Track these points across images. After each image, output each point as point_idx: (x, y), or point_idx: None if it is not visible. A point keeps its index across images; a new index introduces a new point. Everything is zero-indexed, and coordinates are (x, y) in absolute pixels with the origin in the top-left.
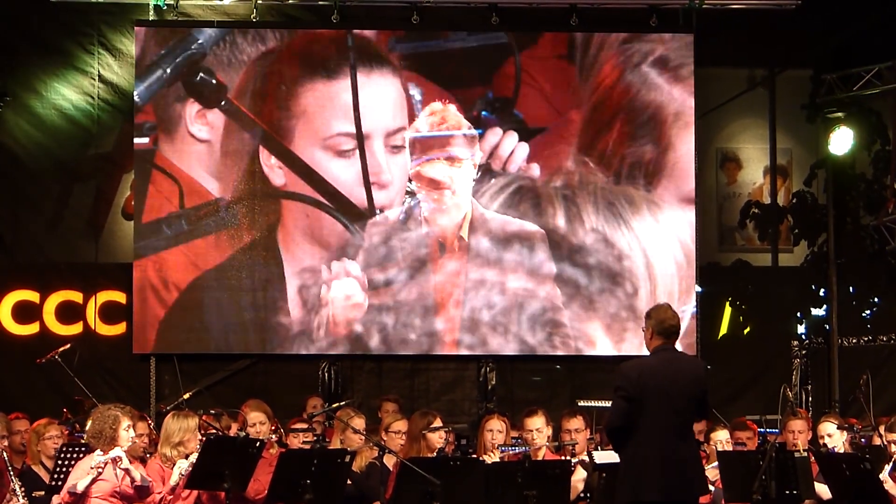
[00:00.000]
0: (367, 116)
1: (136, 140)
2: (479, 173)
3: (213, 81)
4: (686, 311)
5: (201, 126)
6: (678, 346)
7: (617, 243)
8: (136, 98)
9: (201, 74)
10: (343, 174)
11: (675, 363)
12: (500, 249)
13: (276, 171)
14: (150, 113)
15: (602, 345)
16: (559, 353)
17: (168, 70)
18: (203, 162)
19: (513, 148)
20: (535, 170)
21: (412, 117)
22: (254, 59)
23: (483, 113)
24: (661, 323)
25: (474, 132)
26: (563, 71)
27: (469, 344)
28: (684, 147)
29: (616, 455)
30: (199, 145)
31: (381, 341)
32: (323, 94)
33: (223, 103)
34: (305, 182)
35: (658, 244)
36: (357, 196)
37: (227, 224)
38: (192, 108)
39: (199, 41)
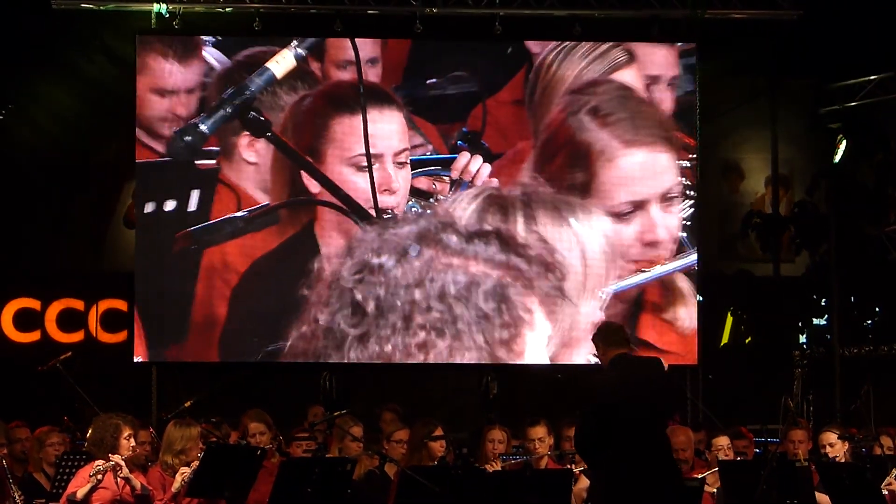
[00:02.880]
0: (379, 141)
1: (204, 161)
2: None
3: (262, 118)
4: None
5: (251, 152)
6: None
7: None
8: (204, 129)
9: (252, 113)
10: (362, 184)
11: (635, 369)
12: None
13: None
14: (215, 142)
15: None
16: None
17: (229, 109)
18: (252, 178)
19: (479, 167)
20: (495, 182)
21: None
22: (294, 102)
23: (459, 142)
24: (608, 336)
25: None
26: (517, 112)
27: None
28: (607, 174)
29: None
30: (249, 167)
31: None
32: (347, 125)
33: (269, 134)
34: (331, 194)
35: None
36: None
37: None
38: (244, 139)
39: (251, 89)
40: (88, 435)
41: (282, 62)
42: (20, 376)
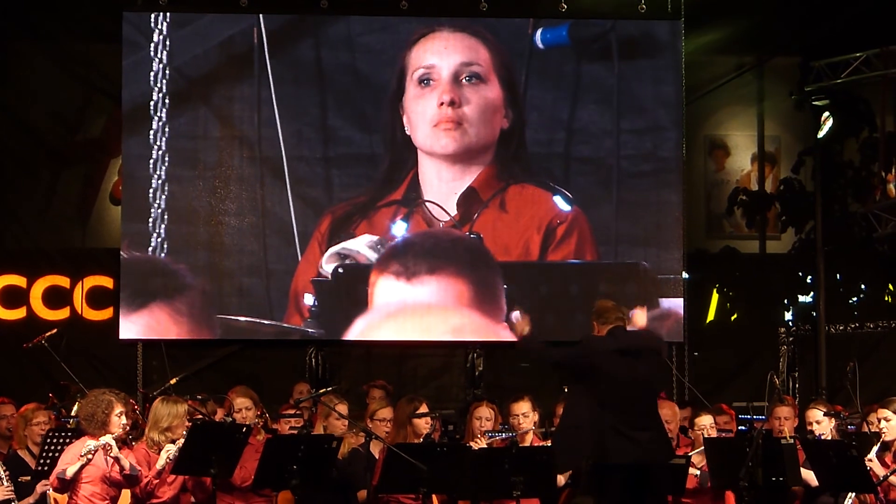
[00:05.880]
0: None
1: None
2: None
3: None
4: None
5: None
6: None
7: None
8: None
9: None
10: None
11: (632, 340)
12: None
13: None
14: None
15: None
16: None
17: None
18: None
19: None
20: None
21: None
22: None
23: None
24: (602, 314)
25: None
26: None
27: None
28: None
29: None
30: None
31: None
32: None
33: None
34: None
35: None
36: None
37: (215, 210)
38: None
39: None
40: (79, 409)
41: None
42: (5, 353)
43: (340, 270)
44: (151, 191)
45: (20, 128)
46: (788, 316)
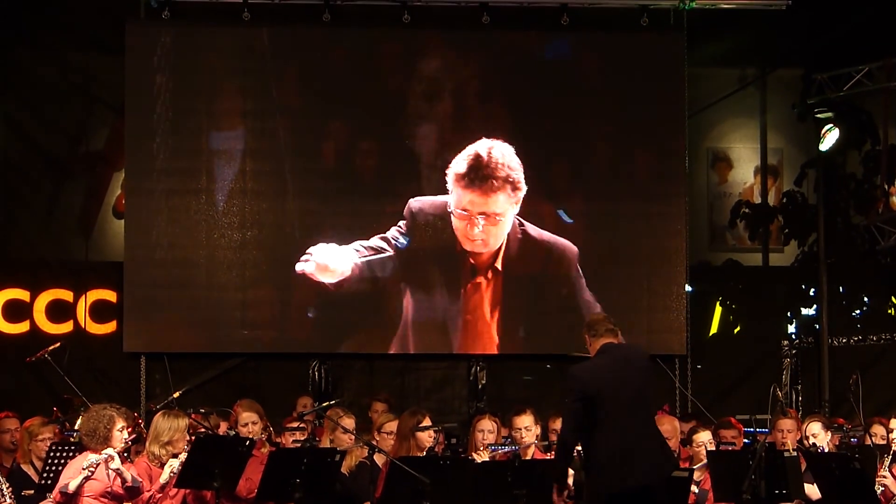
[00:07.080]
0: None
1: None
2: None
3: None
4: None
5: None
6: None
7: None
8: None
9: None
10: None
11: (622, 355)
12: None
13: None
14: None
15: None
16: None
17: None
18: None
19: None
20: None
21: None
22: None
23: None
24: (593, 326)
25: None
26: None
27: None
28: None
29: None
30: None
31: None
32: None
33: None
34: None
35: None
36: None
37: (218, 223)
38: None
39: None
40: (80, 425)
41: None
42: (9, 367)
43: (344, 284)
44: (154, 203)
45: (22, 139)
46: (791, 328)
